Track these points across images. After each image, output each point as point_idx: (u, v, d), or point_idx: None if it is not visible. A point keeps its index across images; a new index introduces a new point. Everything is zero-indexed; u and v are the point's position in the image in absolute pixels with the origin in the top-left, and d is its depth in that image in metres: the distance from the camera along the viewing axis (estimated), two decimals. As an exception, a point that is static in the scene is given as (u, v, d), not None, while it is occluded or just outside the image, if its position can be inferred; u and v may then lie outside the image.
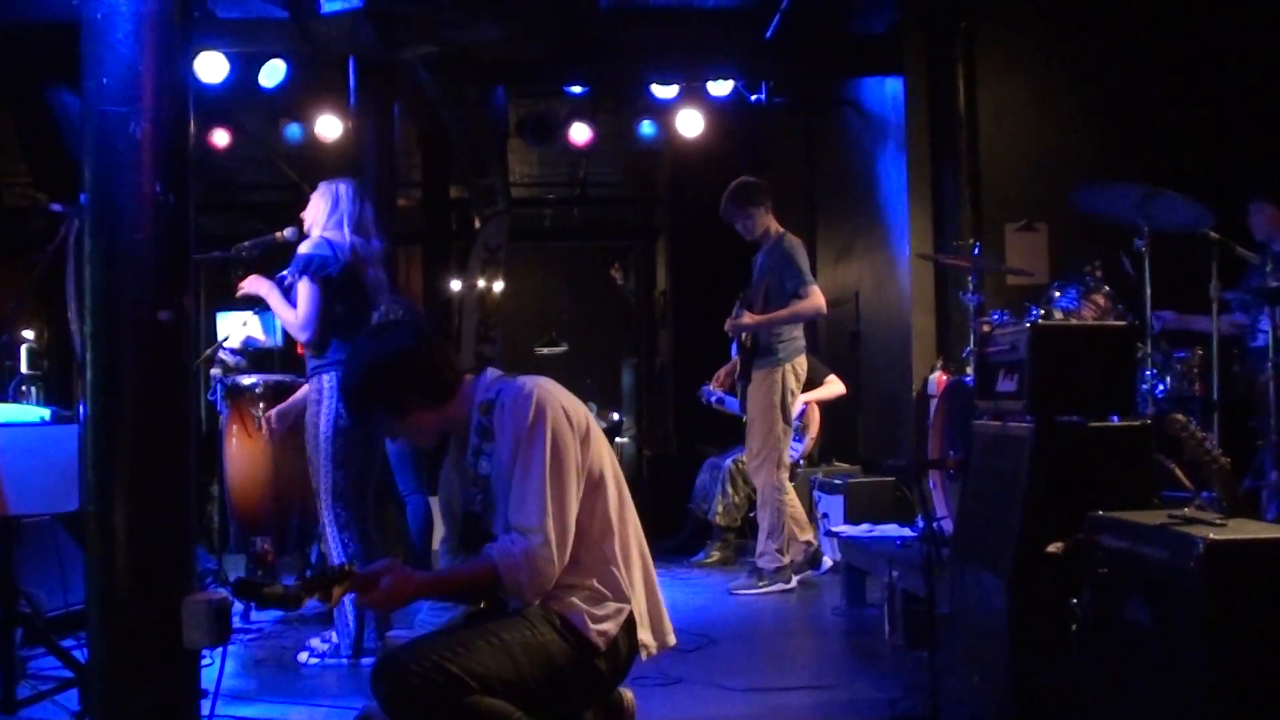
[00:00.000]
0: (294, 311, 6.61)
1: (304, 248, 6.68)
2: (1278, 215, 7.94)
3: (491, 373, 4.34)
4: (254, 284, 6.75)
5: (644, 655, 4.23)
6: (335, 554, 6.58)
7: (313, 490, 6.68)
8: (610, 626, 4.11)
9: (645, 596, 4.27)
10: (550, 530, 3.97)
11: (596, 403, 18.18)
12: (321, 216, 6.79)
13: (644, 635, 4.22)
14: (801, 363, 8.93)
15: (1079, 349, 5.03)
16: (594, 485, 4.18)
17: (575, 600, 4.08)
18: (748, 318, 8.68)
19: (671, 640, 4.36)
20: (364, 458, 6.73)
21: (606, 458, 4.27)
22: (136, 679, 4.35)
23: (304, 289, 6.60)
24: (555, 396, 4.18)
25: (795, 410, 9.75)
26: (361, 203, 6.85)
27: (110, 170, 4.37)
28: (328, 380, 6.60)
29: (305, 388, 7.02)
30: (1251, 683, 3.57)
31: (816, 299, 8.75)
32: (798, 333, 8.90)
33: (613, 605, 4.14)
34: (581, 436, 4.16)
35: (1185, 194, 7.03)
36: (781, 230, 8.98)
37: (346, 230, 6.72)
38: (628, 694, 4.42)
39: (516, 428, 4.07)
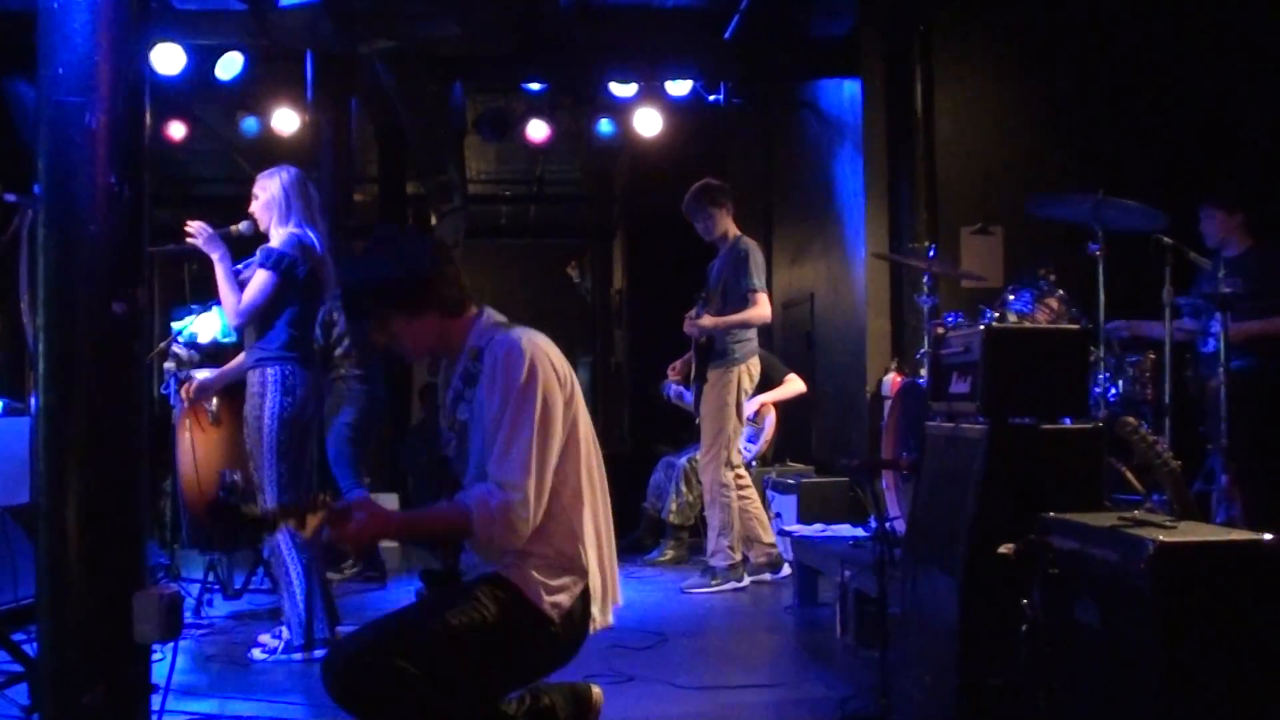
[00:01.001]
0: (237, 296, 6.58)
1: (276, 241, 6.66)
2: (1228, 221, 8.00)
3: (489, 317, 4.33)
4: (209, 243, 6.66)
5: (591, 629, 4.23)
6: (282, 546, 6.60)
7: (255, 487, 6.68)
8: (564, 599, 4.12)
9: (600, 571, 4.25)
10: (530, 490, 3.98)
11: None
12: (279, 210, 6.75)
13: (595, 609, 4.22)
14: (755, 364, 8.95)
15: (1032, 352, 5.06)
16: (571, 449, 4.19)
17: (532, 572, 4.09)
18: (707, 320, 8.70)
19: (611, 619, 4.33)
20: (302, 449, 6.73)
21: (583, 424, 4.27)
22: (87, 673, 4.32)
23: (262, 279, 6.58)
24: (546, 355, 4.18)
25: (749, 410, 9.79)
26: (309, 189, 6.83)
27: (65, 161, 4.33)
28: (271, 373, 6.60)
29: (234, 363, 7.05)
30: (1200, 683, 3.60)
31: (764, 307, 8.80)
32: (752, 334, 8.92)
33: (568, 578, 4.14)
34: (566, 399, 4.18)
35: (1139, 199, 7.09)
36: (739, 234, 9.01)
37: (308, 228, 6.71)
38: (595, 689, 4.43)
39: (509, 382, 4.05)
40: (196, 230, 6.66)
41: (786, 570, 9.39)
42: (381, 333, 4.32)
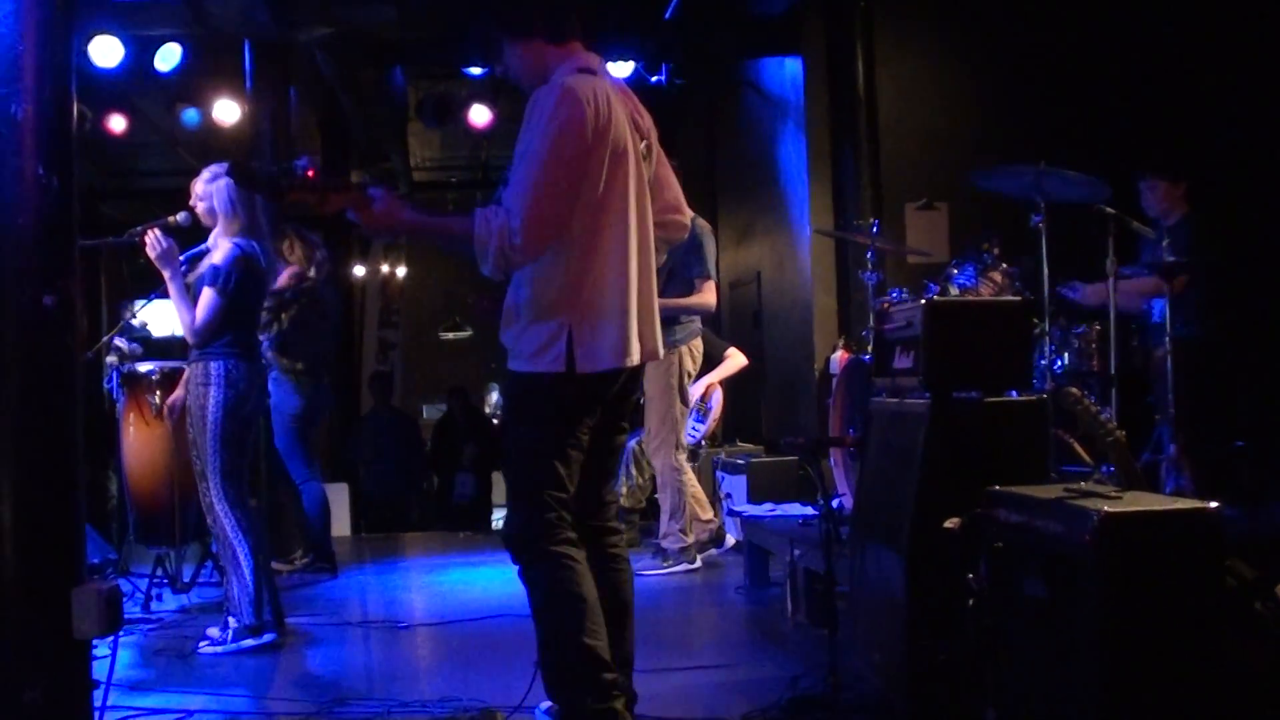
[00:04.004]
0: (190, 315, 6.60)
1: (218, 256, 6.65)
2: (1170, 191, 8.00)
3: (582, 62, 4.52)
4: (162, 259, 6.64)
5: (590, 368, 4.40)
6: (229, 531, 6.61)
7: (198, 475, 6.67)
8: (558, 349, 4.36)
9: (601, 316, 4.41)
10: (527, 216, 4.18)
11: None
12: (223, 218, 6.74)
13: (582, 351, 4.37)
14: (698, 345, 8.94)
15: (974, 324, 5.06)
16: (601, 196, 4.38)
17: (527, 329, 4.41)
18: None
19: (630, 360, 4.48)
20: (244, 439, 6.76)
21: (633, 179, 4.48)
22: (26, 670, 4.26)
23: (207, 299, 6.60)
24: (585, 99, 4.31)
25: (696, 393, 9.79)
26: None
27: (-10, 153, 4.28)
28: (214, 367, 6.62)
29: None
30: (1146, 655, 3.60)
31: (710, 296, 8.80)
32: (694, 316, 8.89)
33: (554, 322, 4.37)
34: (602, 145, 4.34)
35: (1082, 171, 7.09)
36: (693, 214, 8.96)
37: (250, 239, 6.70)
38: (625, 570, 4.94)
39: (534, 120, 4.30)
40: (151, 243, 6.64)
41: (731, 541, 9.43)
42: (497, 59, 4.72)
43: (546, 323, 4.37)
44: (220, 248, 6.70)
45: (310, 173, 4.45)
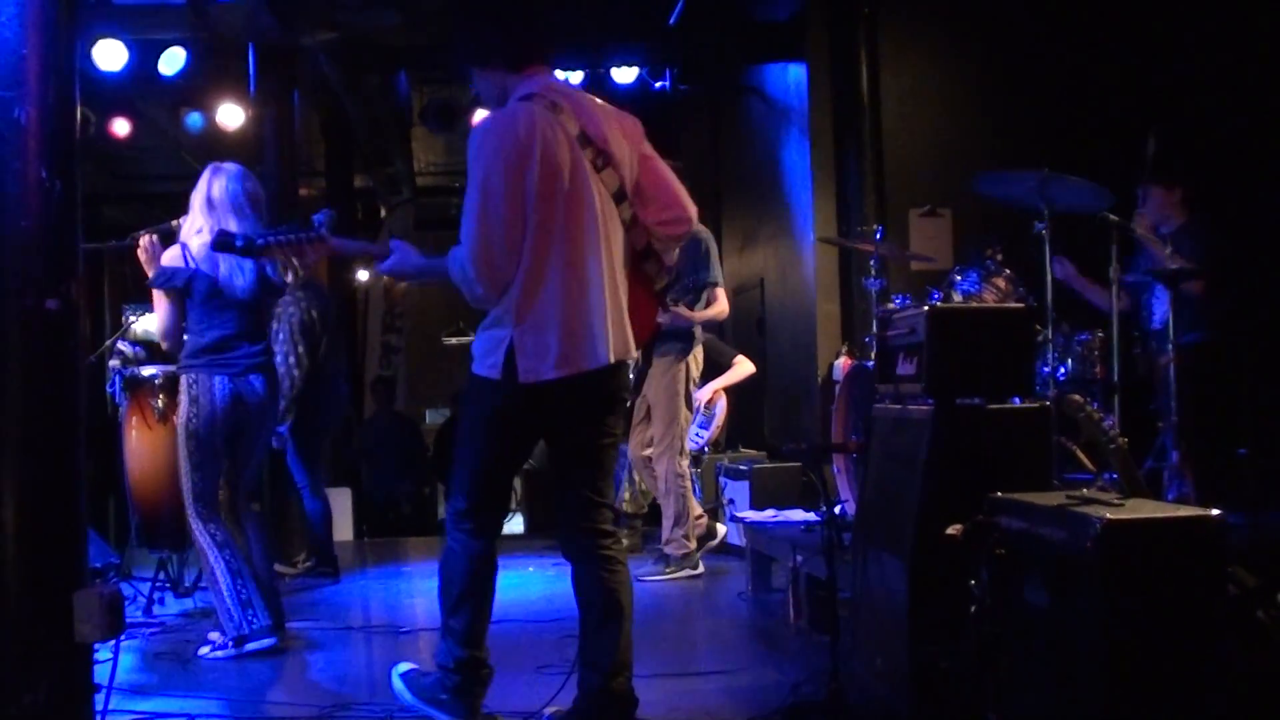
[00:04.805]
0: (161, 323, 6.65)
1: (164, 256, 6.67)
2: (1168, 198, 8.00)
3: (528, 86, 4.81)
4: (149, 266, 6.67)
5: (529, 380, 4.67)
6: (204, 545, 6.60)
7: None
8: (496, 358, 4.68)
9: (542, 328, 4.65)
10: (478, 263, 4.59)
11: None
12: (192, 216, 6.73)
13: (525, 362, 4.64)
14: (700, 351, 8.98)
15: (977, 331, 5.05)
16: (543, 212, 4.64)
17: (481, 334, 4.78)
18: (683, 311, 8.64)
19: (583, 367, 4.72)
20: (219, 457, 6.70)
21: (560, 193, 4.68)
22: (28, 674, 4.26)
23: (157, 301, 6.64)
24: (507, 131, 4.64)
25: (701, 398, 9.82)
26: (224, 188, 6.73)
27: (-6, 156, 4.27)
28: (195, 380, 6.62)
29: None
30: (1148, 662, 3.59)
31: (723, 304, 8.86)
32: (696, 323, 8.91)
33: (499, 333, 4.68)
34: (529, 168, 4.59)
35: (1085, 176, 7.08)
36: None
37: (190, 242, 6.66)
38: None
39: (470, 157, 4.63)
40: (143, 247, 6.67)
41: (722, 530, 9.44)
42: (469, 82, 5.18)
43: (494, 331, 4.71)
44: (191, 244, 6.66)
45: (322, 229, 4.88)
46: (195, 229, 6.65)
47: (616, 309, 4.78)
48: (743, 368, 10.76)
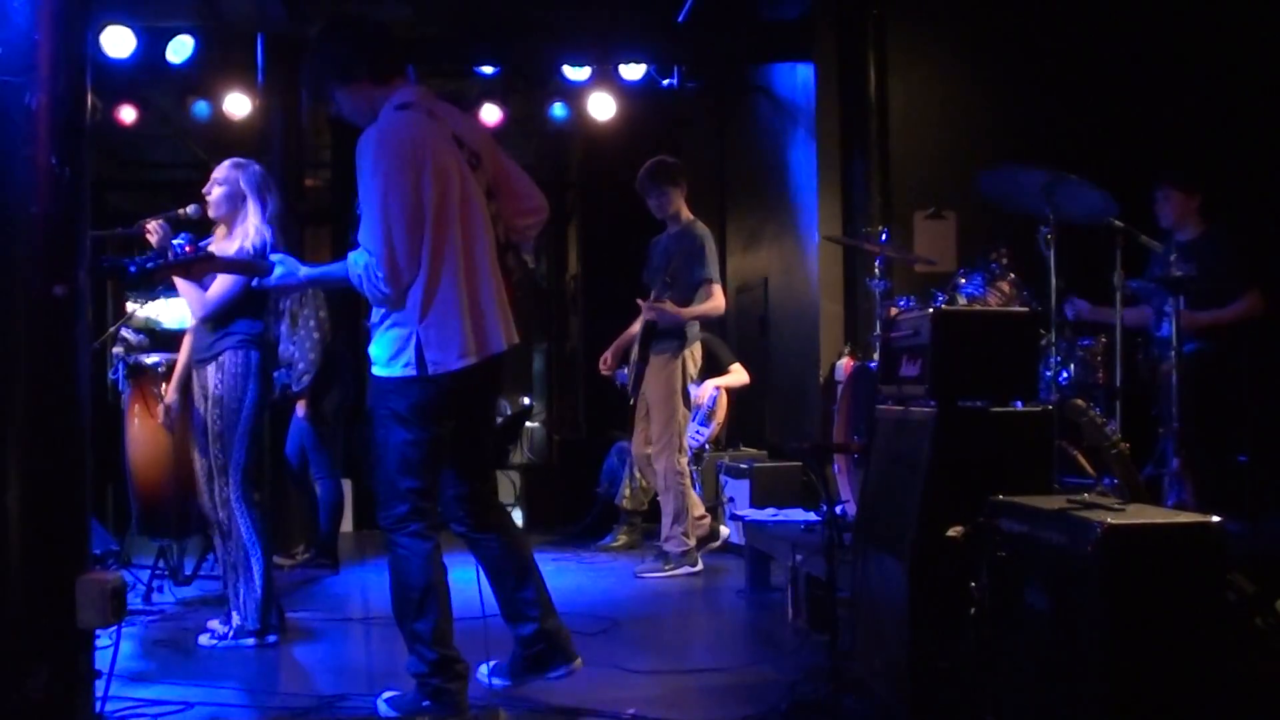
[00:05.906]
0: (201, 293, 6.54)
1: (249, 242, 6.60)
2: (1185, 201, 8.00)
3: (400, 96, 5.04)
4: (160, 248, 6.67)
5: (440, 371, 4.94)
6: (243, 532, 6.56)
7: (212, 469, 6.63)
8: (408, 356, 4.91)
9: (446, 320, 4.93)
10: (386, 263, 4.79)
11: (507, 386, 18.13)
12: (250, 206, 6.72)
13: (432, 355, 4.90)
14: (698, 349, 9.02)
15: (981, 334, 5.07)
16: (426, 215, 4.88)
17: (381, 337, 5.00)
18: (670, 306, 8.66)
19: (483, 354, 5.06)
20: (264, 431, 6.87)
21: (455, 189, 4.97)
22: (30, 658, 4.27)
23: (227, 281, 6.54)
24: (392, 137, 4.88)
25: (706, 395, 9.84)
26: (269, 186, 6.79)
27: (4, 142, 4.27)
28: (253, 358, 6.60)
29: (179, 364, 7.08)
30: (1146, 666, 3.60)
31: (719, 300, 8.88)
32: (695, 321, 8.92)
33: (402, 332, 4.91)
34: (425, 171, 4.86)
35: (1092, 181, 7.06)
36: (692, 217, 9.00)
37: (264, 224, 6.69)
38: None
39: (364, 163, 4.84)
40: (152, 230, 6.68)
41: (725, 531, 9.44)
42: (328, 101, 5.29)
43: (396, 330, 4.95)
44: (249, 234, 6.64)
45: (188, 248, 5.45)
46: (256, 220, 6.68)
47: (502, 300, 5.14)
48: (738, 375, 10.79)
